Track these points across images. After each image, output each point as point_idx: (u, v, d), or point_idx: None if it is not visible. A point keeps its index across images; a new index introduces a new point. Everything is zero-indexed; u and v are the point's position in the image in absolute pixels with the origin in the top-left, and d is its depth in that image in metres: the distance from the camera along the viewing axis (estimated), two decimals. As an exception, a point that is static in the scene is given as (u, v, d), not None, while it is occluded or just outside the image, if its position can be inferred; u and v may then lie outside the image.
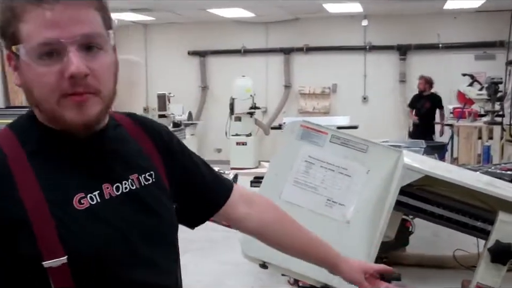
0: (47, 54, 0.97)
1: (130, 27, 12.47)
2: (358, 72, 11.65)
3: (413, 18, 11.13)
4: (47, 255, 0.95)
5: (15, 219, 0.96)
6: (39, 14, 0.96)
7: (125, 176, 1.11)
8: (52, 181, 1.01)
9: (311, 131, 1.92)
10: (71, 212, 0.99)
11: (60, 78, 0.97)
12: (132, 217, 1.08)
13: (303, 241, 1.43)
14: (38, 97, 1.00)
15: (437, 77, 11.13)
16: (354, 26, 11.55)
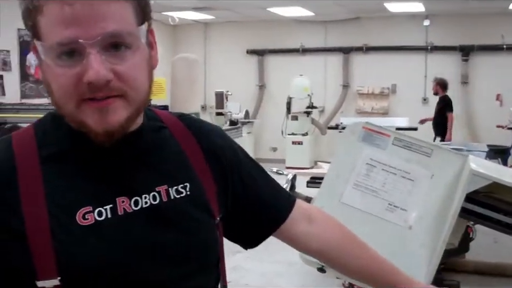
0: (67, 54, 0.85)
1: (191, 26, 12.64)
2: (418, 72, 11.42)
3: (476, 18, 10.82)
4: (41, 274, 0.86)
5: (13, 232, 0.87)
6: (58, 9, 0.83)
7: (149, 188, 0.97)
8: (60, 190, 0.91)
9: (373, 133, 1.88)
10: (72, 228, 0.89)
11: (78, 81, 0.85)
12: (148, 236, 0.95)
13: (371, 265, 1.23)
14: (57, 99, 0.89)
15: (501, 79, 10.81)
16: (416, 26, 11.32)
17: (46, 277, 0.86)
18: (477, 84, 11.20)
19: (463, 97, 11.30)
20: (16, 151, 0.92)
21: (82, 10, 0.83)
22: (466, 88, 11.30)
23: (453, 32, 11.14)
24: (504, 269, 4.84)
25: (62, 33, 0.84)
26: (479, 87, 11.14)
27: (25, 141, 0.94)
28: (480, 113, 11.13)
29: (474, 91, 11.23)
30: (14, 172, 0.89)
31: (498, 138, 9.08)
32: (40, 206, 0.88)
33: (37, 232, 0.86)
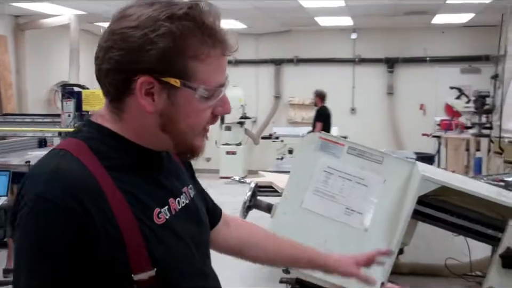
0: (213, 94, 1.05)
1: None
2: (346, 84, 11.84)
3: (401, 32, 11.36)
4: (137, 269, 0.99)
5: (111, 237, 0.97)
6: (219, 61, 1.04)
7: (180, 191, 1.17)
8: (134, 196, 1.02)
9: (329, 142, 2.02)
10: (154, 228, 1.03)
11: (210, 115, 1.07)
12: (189, 230, 1.14)
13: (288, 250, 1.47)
14: (184, 127, 1.05)
15: (424, 90, 11.37)
16: (344, 39, 11.74)
17: (142, 270, 1.00)
18: (401, 94, 11.72)
19: (389, 107, 11.79)
20: (88, 166, 1.00)
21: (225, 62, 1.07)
22: (391, 98, 11.79)
23: (379, 45, 11.63)
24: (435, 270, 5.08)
25: (220, 79, 1.06)
26: (403, 97, 11.66)
27: (86, 155, 1.02)
28: (405, 122, 11.63)
29: (399, 101, 11.74)
30: (97, 183, 0.98)
31: (422, 146, 9.54)
32: (126, 210, 1.00)
33: (131, 234, 0.99)
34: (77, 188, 0.96)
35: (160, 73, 1.00)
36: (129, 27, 1.00)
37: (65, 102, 5.96)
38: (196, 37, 1.00)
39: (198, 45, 1.01)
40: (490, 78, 9.63)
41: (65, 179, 0.97)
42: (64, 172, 0.98)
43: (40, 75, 10.23)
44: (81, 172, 0.98)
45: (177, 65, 1.00)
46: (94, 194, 0.97)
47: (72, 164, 0.99)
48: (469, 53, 11.11)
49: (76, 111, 5.95)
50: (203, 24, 1.01)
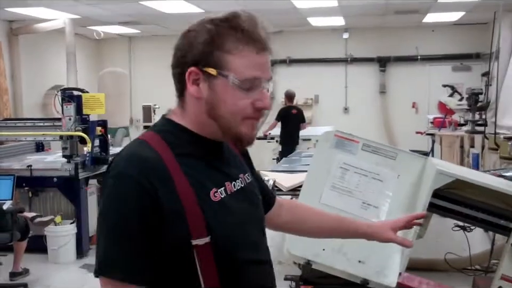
0: (249, 86, 1.25)
1: (116, 40, 12.57)
2: (339, 83, 11.94)
3: (393, 31, 11.48)
4: (195, 235, 1.21)
5: (174, 209, 1.21)
6: (253, 57, 1.24)
7: (237, 176, 1.38)
8: (195, 178, 1.25)
9: (344, 140, 2.10)
10: (211, 203, 1.26)
11: (250, 105, 1.26)
12: (243, 209, 1.35)
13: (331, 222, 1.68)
14: (223, 113, 1.27)
15: (416, 88, 11.50)
16: (336, 39, 11.85)
17: (199, 236, 1.21)
18: (394, 93, 11.84)
19: (382, 105, 11.90)
20: (159, 151, 1.25)
21: (265, 61, 1.27)
22: (384, 97, 11.91)
23: (371, 44, 11.74)
24: (434, 264, 5.18)
25: (254, 73, 1.25)
26: (396, 96, 11.78)
27: (159, 144, 1.27)
28: (397, 120, 11.75)
29: (392, 100, 11.86)
30: (164, 165, 1.23)
31: (415, 143, 9.65)
32: (187, 187, 1.23)
33: (190, 205, 1.22)
34: (148, 170, 1.21)
35: (203, 65, 1.24)
36: (185, 32, 1.29)
37: (65, 106, 5.98)
38: (230, 35, 1.24)
39: (232, 42, 1.23)
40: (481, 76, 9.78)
41: (140, 162, 1.22)
42: (140, 156, 1.24)
43: (35, 80, 10.25)
44: (154, 158, 1.23)
45: (214, 57, 1.23)
46: (162, 175, 1.21)
47: (148, 150, 1.25)
48: (459, 51, 11.26)
49: (76, 115, 5.98)
50: (238, 26, 1.24)
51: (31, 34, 9.77)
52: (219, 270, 1.25)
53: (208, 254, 1.22)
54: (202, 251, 1.22)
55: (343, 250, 1.93)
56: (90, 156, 5.83)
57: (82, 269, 5.55)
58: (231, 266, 1.28)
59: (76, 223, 5.76)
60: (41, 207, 5.95)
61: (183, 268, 1.24)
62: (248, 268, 1.32)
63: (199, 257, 1.22)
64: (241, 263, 1.30)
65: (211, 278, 1.24)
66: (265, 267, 1.40)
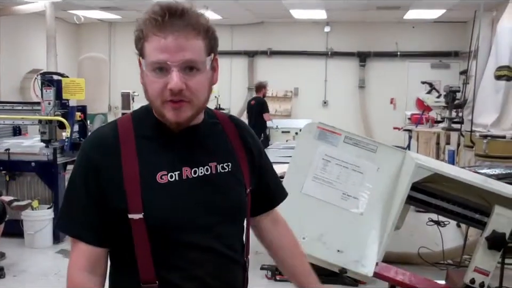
0: (159, 69, 1.32)
1: (96, 25, 12.45)
2: (319, 77, 12.02)
3: (373, 26, 11.57)
4: (131, 210, 1.33)
5: (116, 183, 1.34)
6: (157, 40, 1.31)
7: (204, 163, 1.43)
8: (147, 159, 1.37)
9: (326, 132, 2.14)
10: (153, 184, 1.35)
11: (164, 88, 1.32)
12: (200, 195, 1.40)
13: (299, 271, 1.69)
14: (150, 97, 1.36)
15: (395, 84, 11.62)
16: (317, 32, 11.91)
17: (134, 212, 1.33)
18: (373, 88, 11.95)
19: (360, 100, 12.01)
20: (120, 129, 1.40)
21: (171, 43, 1.30)
22: (363, 91, 12.01)
23: (352, 39, 11.83)
24: (408, 258, 5.27)
25: (158, 56, 1.31)
26: (375, 91, 11.90)
27: (125, 123, 1.41)
28: (375, 115, 11.87)
29: (371, 95, 11.98)
30: (118, 142, 1.37)
31: (392, 139, 9.76)
32: (134, 166, 1.35)
33: (131, 182, 1.33)
34: (99, 145, 1.39)
35: (140, 56, 1.36)
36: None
37: (45, 90, 5.92)
38: (149, 25, 1.31)
39: (148, 30, 1.32)
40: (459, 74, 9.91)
41: (95, 138, 1.42)
42: (99, 134, 1.43)
43: (13, 63, 10.12)
44: (110, 136, 1.38)
45: (140, 46, 1.34)
46: (111, 152, 1.36)
47: (110, 130, 1.41)
48: (439, 48, 11.40)
49: (56, 99, 5.93)
50: (154, 16, 1.30)
51: (10, 16, 9.63)
52: (154, 248, 1.35)
53: (142, 229, 1.33)
54: (136, 226, 1.33)
55: (323, 239, 1.98)
56: (69, 141, 5.79)
57: (59, 254, 5.53)
58: (166, 246, 1.36)
59: (53, 208, 5.73)
60: (19, 191, 5.90)
61: (124, 238, 1.36)
62: (187, 251, 1.38)
63: (134, 231, 1.34)
64: (181, 244, 1.37)
65: (144, 252, 1.35)
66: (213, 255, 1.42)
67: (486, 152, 5.59)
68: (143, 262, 1.35)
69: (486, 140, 5.61)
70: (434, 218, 4.41)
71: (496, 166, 4.44)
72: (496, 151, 5.56)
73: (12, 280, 4.80)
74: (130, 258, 1.36)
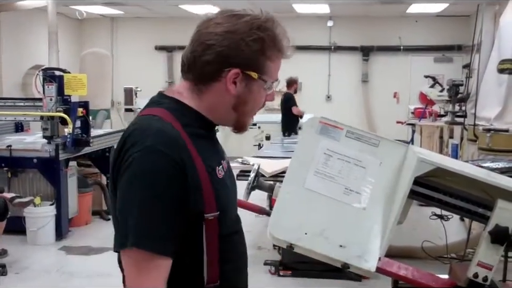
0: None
1: (98, 20, 12.44)
2: (322, 71, 11.99)
3: (376, 20, 11.53)
4: (208, 210, 1.33)
5: (195, 184, 1.31)
6: (280, 63, 1.45)
7: (224, 158, 1.53)
8: (204, 155, 1.35)
9: (328, 126, 2.11)
10: (217, 180, 1.38)
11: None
12: (232, 185, 1.52)
13: None
14: (249, 108, 1.44)
15: (398, 78, 11.58)
16: (320, 26, 11.88)
17: (210, 211, 1.33)
18: (376, 82, 11.93)
19: (364, 94, 11.99)
20: (179, 130, 1.33)
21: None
22: (366, 86, 11.99)
23: (355, 33, 11.80)
24: (411, 252, 5.26)
25: (276, 76, 1.47)
26: (378, 85, 11.87)
27: (175, 123, 1.35)
28: (379, 109, 11.85)
29: (374, 89, 11.96)
30: (184, 141, 1.32)
31: (395, 133, 9.74)
32: (201, 163, 1.33)
33: (206, 182, 1.33)
34: (175, 145, 1.29)
35: (245, 68, 1.37)
36: (229, 31, 1.36)
37: (46, 86, 5.93)
38: (272, 44, 1.39)
39: (273, 50, 1.39)
40: (462, 68, 9.88)
41: (168, 137, 1.30)
42: (166, 132, 1.31)
43: (15, 59, 10.11)
44: (176, 134, 1.31)
45: (258, 63, 1.38)
46: (185, 151, 1.30)
47: (168, 126, 1.32)
48: (442, 42, 11.36)
49: (58, 95, 5.94)
50: (276, 34, 1.41)
51: (12, 12, 9.62)
52: (220, 240, 1.37)
53: (214, 227, 1.34)
54: (210, 225, 1.33)
55: (325, 234, 1.95)
56: (71, 137, 5.80)
57: (61, 250, 5.55)
58: (226, 238, 1.40)
59: (56, 205, 5.75)
60: (21, 188, 5.91)
61: (193, 241, 1.34)
62: (234, 238, 1.47)
63: (207, 231, 1.33)
64: (231, 234, 1.45)
65: (213, 250, 1.35)
66: (242, 236, 1.55)
67: (489, 146, 5.58)
68: (211, 262, 1.35)
69: (489, 134, 5.60)
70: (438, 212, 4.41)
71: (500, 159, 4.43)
72: (499, 145, 5.55)
73: (14, 277, 4.81)
74: (194, 262, 1.35)
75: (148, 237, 1.25)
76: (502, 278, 4.48)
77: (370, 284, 4.45)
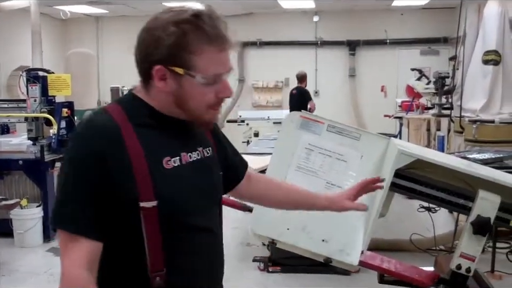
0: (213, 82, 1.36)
1: (82, 20, 12.35)
2: (309, 66, 11.95)
3: (362, 14, 11.53)
4: (143, 198, 1.32)
5: (125, 172, 1.32)
6: (215, 56, 1.34)
7: (194, 148, 1.48)
8: (150, 147, 1.35)
9: (309, 121, 2.11)
10: (162, 170, 1.36)
11: (214, 96, 1.37)
12: (196, 178, 1.45)
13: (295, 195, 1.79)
14: (191, 106, 1.38)
15: (385, 72, 11.60)
16: (306, 21, 11.86)
17: (147, 199, 1.32)
18: (363, 77, 11.93)
19: (351, 89, 11.99)
20: (117, 120, 1.35)
21: (226, 56, 1.35)
22: (353, 80, 11.99)
23: (341, 27, 11.79)
24: (400, 245, 5.28)
25: (218, 69, 1.35)
26: (365, 79, 11.88)
27: (119, 114, 1.37)
28: (366, 103, 11.85)
29: (361, 83, 11.96)
30: (119, 130, 1.34)
31: (383, 126, 9.76)
32: (140, 153, 1.33)
33: (140, 170, 1.32)
34: (100, 134, 1.33)
35: (169, 64, 1.33)
36: (150, 28, 1.35)
37: (30, 87, 5.88)
38: (194, 37, 1.31)
39: (196, 44, 1.31)
40: (448, 60, 9.90)
41: (94, 127, 1.35)
42: (96, 122, 1.36)
43: (0, 60, 10.03)
44: (110, 125, 1.34)
45: (180, 58, 1.32)
46: (115, 140, 1.32)
47: (103, 118, 1.36)
48: (428, 35, 11.37)
49: (42, 96, 5.89)
50: (201, 27, 1.31)
51: (-5, 14, 9.55)
52: (164, 234, 1.35)
53: (153, 217, 1.33)
54: (148, 214, 1.32)
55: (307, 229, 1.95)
56: (56, 138, 5.75)
57: (49, 252, 5.50)
58: (177, 231, 1.38)
59: (42, 206, 5.69)
60: (7, 190, 5.85)
61: (130, 228, 1.34)
62: (194, 233, 1.43)
63: (145, 219, 1.32)
64: (187, 228, 1.41)
65: (155, 240, 1.34)
66: (213, 236, 1.50)
67: (475, 137, 5.60)
68: (153, 250, 1.35)
69: (475, 125, 5.61)
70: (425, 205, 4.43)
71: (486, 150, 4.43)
72: (486, 136, 5.56)
73: (2, 280, 4.77)
74: (134, 248, 1.35)
75: (63, 218, 1.34)
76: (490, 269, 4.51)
77: (359, 278, 4.44)
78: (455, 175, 2.01)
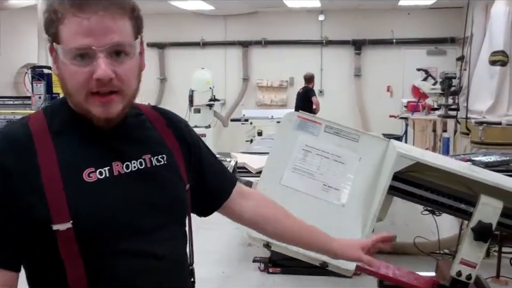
0: (80, 56, 1.12)
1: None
2: (314, 66, 11.90)
3: (368, 14, 11.45)
4: (56, 219, 1.12)
5: (35, 191, 1.12)
6: (77, 22, 1.11)
7: (137, 156, 1.25)
8: (68, 157, 1.16)
9: (307, 121, 2.06)
10: (81, 185, 1.15)
11: (89, 78, 1.13)
12: (137, 192, 1.23)
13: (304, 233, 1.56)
14: (70, 90, 1.17)
15: (391, 72, 11.52)
16: (311, 21, 11.80)
17: (60, 221, 1.12)
18: (369, 76, 11.85)
19: (357, 89, 11.92)
20: (32, 126, 1.18)
21: (96, 24, 1.10)
22: (359, 80, 11.92)
23: (347, 27, 11.72)
24: (403, 248, 5.22)
25: (80, 41, 1.11)
26: (371, 79, 11.80)
27: (38, 121, 1.20)
28: (372, 104, 11.78)
29: (367, 83, 11.88)
30: (32, 143, 1.15)
31: (389, 127, 9.70)
32: (54, 167, 1.14)
33: (52, 186, 1.12)
34: (10, 148, 1.14)
35: (53, 40, 1.15)
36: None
37: (35, 84, 5.90)
38: (60, 4, 1.12)
39: (61, 9, 1.12)
40: (455, 60, 9.82)
41: (5, 140, 1.16)
42: (9, 135, 1.18)
43: (7, 57, 10.06)
44: (21, 136, 1.16)
45: (51, 30, 1.14)
46: (25, 154, 1.14)
47: (19, 129, 1.18)
48: (434, 35, 11.29)
49: (47, 93, 5.90)
50: None
51: (3, 11, 9.55)
52: (86, 259, 1.15)
53: (70, 240, 1.13)
54: (64, 236, 1.12)
55: (303, 233, 1.91)
56: (59, 135, 5.74)
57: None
58: (102, 256, 1.17)
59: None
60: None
61: (49, 254, 1.14)
62: (125, 259, 1.20)
63: (61, 244, 1.13)
64: (114, 253, 1.18)
65: (76, 267, 1.14)
66: (157, 262, 1.24)
67: (481, 139, 5.53)
68: (74, 278, 1.15)
69: (482, 127, 5.55)
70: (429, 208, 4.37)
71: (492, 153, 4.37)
72: (492, 138, 5.50)
73: None
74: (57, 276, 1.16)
75: None
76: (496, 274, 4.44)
77: (360, 280, 4.39)
78: (456, 179, 1.95)
